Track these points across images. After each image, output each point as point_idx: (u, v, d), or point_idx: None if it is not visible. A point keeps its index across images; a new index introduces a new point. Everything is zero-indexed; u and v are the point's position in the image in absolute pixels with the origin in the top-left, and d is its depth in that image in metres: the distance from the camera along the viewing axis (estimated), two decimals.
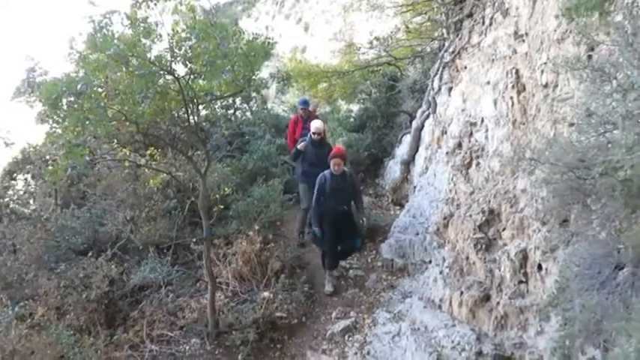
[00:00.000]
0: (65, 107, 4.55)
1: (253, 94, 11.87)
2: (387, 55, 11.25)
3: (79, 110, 4.49)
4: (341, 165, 6.69)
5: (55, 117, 4.33)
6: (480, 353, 4.43)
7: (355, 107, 13.21)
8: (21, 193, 7.97)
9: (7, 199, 7.29)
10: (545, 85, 4.74)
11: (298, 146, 7.85)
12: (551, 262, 4.21)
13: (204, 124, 9.97)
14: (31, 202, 7.86)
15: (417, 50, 11.25)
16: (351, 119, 12.23)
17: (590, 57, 3.83)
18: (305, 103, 9.10)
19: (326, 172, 6.76)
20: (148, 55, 4.79)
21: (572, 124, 3.89)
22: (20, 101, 4.86)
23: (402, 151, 9.61)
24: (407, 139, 9.45)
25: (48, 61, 4.70)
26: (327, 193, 6.69)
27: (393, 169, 9.80)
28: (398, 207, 9.02)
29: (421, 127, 8.91)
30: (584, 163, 2.97)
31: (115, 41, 4.60)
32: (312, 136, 7.71)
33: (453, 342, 4.67)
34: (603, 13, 3.05)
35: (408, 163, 9.13)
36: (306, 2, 23.29)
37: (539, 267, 4.38)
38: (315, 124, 7.80)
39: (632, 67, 2.68)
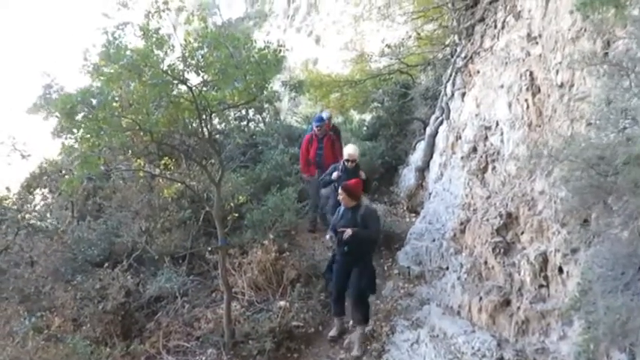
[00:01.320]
0: (80, 118, 4.60)
1: (266, 105, 11.91)
2: (399, 63, 11.22)
3: (94, 120, 4.54)
4: (346, 199, 5.78)
5: (69, 126, 4.36)
6: (501, 359, 4.33)
7: (368, 117, 13.19)
8: (38, 207, 8.06)
9: (24, 213, 7.36)
10: (561, 85, 4.68)
11: (332, 176, 7.04)
12: (572, 264, 4.12)
13: (217, 136, 10.01)
14: (48, 215, 7.94)
15: (429, 57, 11.21)
16: (364, 128, 12.18)
17: (606, 54, 3.78)
18: (320, 120, 8.35)
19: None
20: (161, 66, 4.85)
21: (589, 123, 3.83)
22: (38, 114, 4.93)
23: (416, 158, 9.55)
24: (421, 146, 9.39)
25: (61, 73, 4.76)
26: (335, 229, 5.86)
27: (407, 177, 9.73)
28: (413, 214, 8.93)
29: (435, 134, 8.85)
30: (603, 160, 2.90)
31: (128, 52, 4.66)
32: (345, 163, 7.02)
33: (473, 348, 4.58)
34: (619, 7, 2.99)
35: (423, 170, 9.05)
36: (317, 14, 23.40)
37: (560, 270, 4.29)
38: (349, 150, 7.13)
39: None
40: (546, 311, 4.32)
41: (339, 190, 5.84)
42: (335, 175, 7.02)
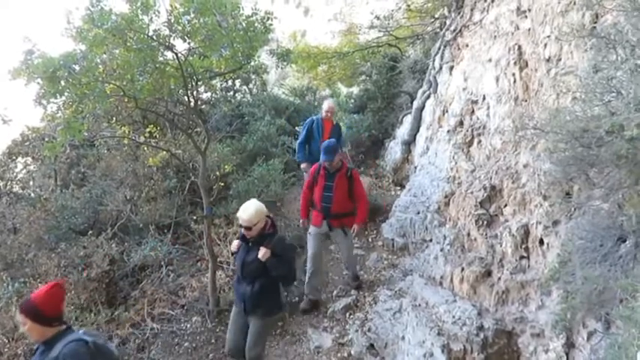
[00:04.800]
0: (63, 83, 4.51)
1: (253, 77, 11.78)
2: (388, 35, 11.11)
3: (77, 86, 4.45)
4: (32, 328, 2.91)
5: (51, 91, 4.27)
6: (480, 328, 4.42)
7: (355, 90, 13.13)
8: (21, 175, 7.96)
9: (6, 181, 7.26)
10: (548, 60, 4.69)
11: (232, 246, 4.56)
12: (552, 236, 4.20)
13: (203, 106, 9.90)
14: (31, 183, 7.84)
15: (418, 31, 11.13)
16: (352, 100, 12.13)
17: (594, 27, 3.78)
18: (331, 152, 5.58)
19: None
20: (146, 31, 4.75)
21: (575, 97, 3.85)
22: (19, 79, 4.81)
23: (402, 131, 9.55)
24: (408, 120, 9.38)
25: (47, 44, 4.63)
26: None
27: (393, 150, 9.76)
28: (399, 187, 9.00)
29: (422, 107, 8.84)
30: (588, 132, 2.94)
31: (113, 16, 4.55)
32: (242, 226, 4.30)
33: (454, 317, 4.66)
34: None
35: (409, 144, 9.08)
36: None
37: (541, 242, 4.37)
38: (241, 211, 4.24)
39: (638, 30, 2.64)
40: (526, 282, 4.41)
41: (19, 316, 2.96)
42: (235, 245, 4.53)
